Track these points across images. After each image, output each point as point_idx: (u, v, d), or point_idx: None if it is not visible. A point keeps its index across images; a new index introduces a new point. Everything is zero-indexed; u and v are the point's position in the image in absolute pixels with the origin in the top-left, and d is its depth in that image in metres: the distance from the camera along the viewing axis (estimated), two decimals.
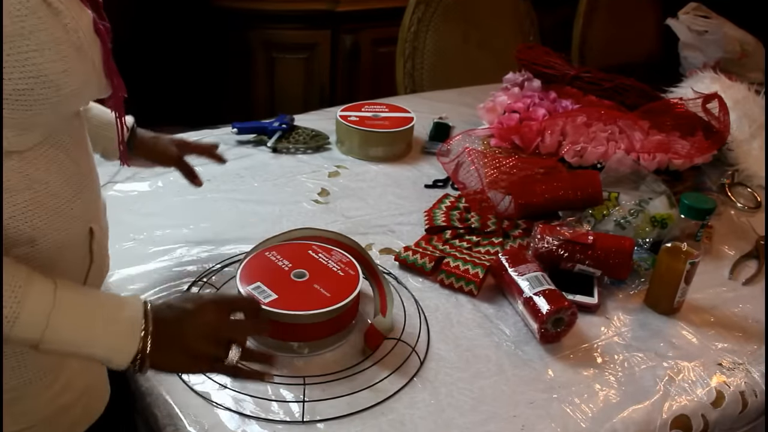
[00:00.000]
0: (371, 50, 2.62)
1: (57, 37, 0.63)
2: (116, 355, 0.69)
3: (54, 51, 0.63)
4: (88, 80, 0.69)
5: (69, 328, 0.67)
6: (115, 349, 0.69)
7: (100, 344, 0.69)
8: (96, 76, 0.70)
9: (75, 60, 0.66)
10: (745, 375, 0.97)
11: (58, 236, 0.72)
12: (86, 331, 0.68)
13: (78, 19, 0.66)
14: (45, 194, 0.70)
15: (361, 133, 1.45)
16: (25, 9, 0.60)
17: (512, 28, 2.23)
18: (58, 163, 0.71)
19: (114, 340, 0.69)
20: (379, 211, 1.28)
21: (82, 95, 0.70)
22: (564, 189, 1.20)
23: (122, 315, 0.70)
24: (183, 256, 1.09)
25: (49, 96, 0.64)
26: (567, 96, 1.51)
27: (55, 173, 0.71)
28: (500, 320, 1.02)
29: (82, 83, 0.68)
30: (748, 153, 1.48)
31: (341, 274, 0.96)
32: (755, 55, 2.12)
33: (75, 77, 0.66)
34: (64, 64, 0.64)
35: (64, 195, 0.72)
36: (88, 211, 0.77)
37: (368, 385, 0.88)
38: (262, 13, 2.47)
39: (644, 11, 2.55)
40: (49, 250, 0.72)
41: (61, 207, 0.72)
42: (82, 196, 0.75)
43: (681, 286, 1.04)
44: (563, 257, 1.08)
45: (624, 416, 0.88)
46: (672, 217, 1.14)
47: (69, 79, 0.65)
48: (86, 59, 0.67)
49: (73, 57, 0.65)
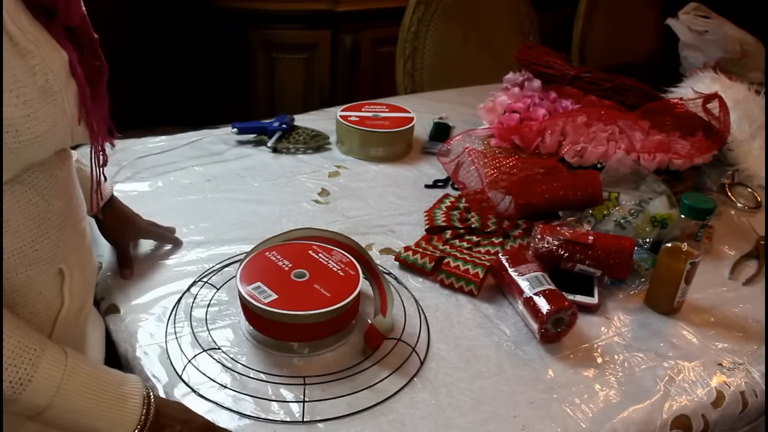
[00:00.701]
0: (371, 50, 2.62)
1: (20, 79, 0.59)
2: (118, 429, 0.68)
3: (15, 94, 0.58)
4: (55, 127, 0.63)
5: (77, 396, 0.66)
6: (119, 423, 0.68)
7: (106, 417, 0.68)
8: (66, 123, 0.64)
9: (39, 104, 0.61)
10: (745, 375, 0.97)
11: (16, 278, 0.68)
12: (94, 401, 0.67)
13: (48, 61, 0.61)
14: (5, 232, 0.65)
15: (361, 133, 1.45)
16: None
17: (512, 28, 2.22)
18: (26, 201, 0.67)
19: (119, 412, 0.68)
20: (379, 211, 1.28)
21: (48, 142, 0.64)
22: (564, 189, 1.20)
23: (126, 390, 0.70)
24: (183, 256, 1.09)
25: (7, 141, 0.60)
26: (567, 96, 1.51)
27: (19, 212, 0.66)
28: (500, 320, 1.02)
29: (47, 130, 0.62)
30: (748, 153, 1.48)
31: (341, 274, 0.95)
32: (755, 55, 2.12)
33: (39, 123, 0.61)
34: (26, 108, 0.60)
35: (27, 235, 0.68)
36: (57, 251, 0.72)
37: (368, 385, 0.88)
38: (262, 13, 2.47)
39: (644, 11, 2.55)
40: (7, 293, 0.68)
41: (22, 247, 0.67)
42: (51, 236, 0.70)
43: (681, 286, 1.04)
44: (563, 257, 1.08)
45: (624, 416, 0.88)
46: (672, 217, 1.14)
47: (31, 124, 0.60)
48: (54, 104, 0.62)
49: (37, 101, 0.60)
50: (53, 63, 0.61)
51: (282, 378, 0.88)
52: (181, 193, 1.26)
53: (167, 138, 1.45)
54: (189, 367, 0.88)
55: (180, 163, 1.37)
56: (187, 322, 0.96)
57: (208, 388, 0.86)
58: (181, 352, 0.90)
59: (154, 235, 1.10)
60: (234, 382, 0.87)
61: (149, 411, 0.71)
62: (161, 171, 1.33)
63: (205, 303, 1.00)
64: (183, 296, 1.01)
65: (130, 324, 0.96)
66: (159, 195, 1.26)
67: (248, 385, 0.86)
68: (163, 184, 1.29)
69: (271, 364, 0.90)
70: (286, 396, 0.85)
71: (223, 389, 0.86)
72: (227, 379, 0.87)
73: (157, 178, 1.31)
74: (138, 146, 1.41)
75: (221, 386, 0.86)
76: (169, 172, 1.33)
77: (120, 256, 1.05)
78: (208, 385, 0.86)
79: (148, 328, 0.95)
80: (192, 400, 0.84)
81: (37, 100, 0.60)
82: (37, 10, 0.61)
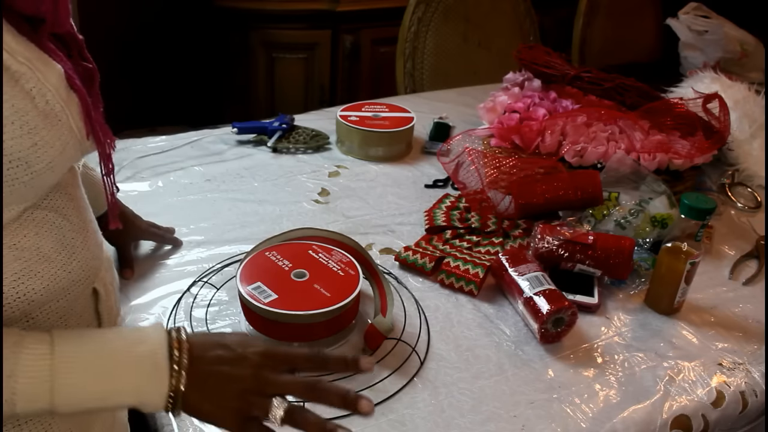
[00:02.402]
0: (371, 50, 2.62)
1: (20, 108, 0.54)
2: (148, 397, 0.60)
3: (17, 125, 0.54)
4: (65, 148, 0.59)
5: (80, 386, 0.58)
6: (144, 391, 0.60)
7: (126, 391, 0.60)
8: (75, 140, 0.60)
9: (45, 130, 0.56)
10: (745, 375, 0.97)
11: (56, 306, 0.64)
12: (103, 383, 0.59)
13: (44, 80, 0.56)
14: (37, 261, 0.61)
15: (361, 133, 1.45)
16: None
17: (512, 28, 2.23)
18: (50, 224, 0.62)
19: (139, 380, 0.60)
20: (379, 211, 1.27)
21: (61, 165, 0.60)
22: (564, 189, 1.20)
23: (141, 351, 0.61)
24: (183, 256, 1.09)
25: (19, 175, 0.55)
26: (567, 96, 1.51)
27: (46, 237, 0.62)
28: (500, 320, 1.02)
29: (58, 154, 0.58)
30: (748, 153, 1.48)
31: (341, 274, 0.95)
32: (755, 55, 2.11)
33: (48, 149, 0.57)
34: (32, 137, 0.55)
35: (58, 259, 0.63)
36: (88, 271, 0.67)
37: (368, 385, 0.88)
38: (262, 13, 2.47)
39: (644, 11, 2.55)
40: (49, 322, 0.63)
41: (57, 273, 0.63)
42: (80, 256, 0.66)
43: (681, 286, 1.04)
44: (563, 257, 1.08)
45: (624, 416, 0.88)
46: (672, 217, 1.14)
47: (40, 153, 0.56)
48: (59, 125, 0.57)
49: (42, 127, 0.56)
50: (49, 81, 0.56)
51: None
52: (181, 193, 1.26)
53: (167, 138, 1.45)
54: None
55: (180, 163, 1.37)
56: (187, 322, 0.96)
57: None
58: None
59: (153, 236, 1.10)
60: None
61: (181, 362, 0.61)
62: (161, 171, 1.33)
63: (205, 303, 1.00)
64: (183, 296, 1.00)
65: (130, 324, 0.96)
66: (159, 195, 1.26)
67: None
68: (163, 184, 1.29)
69: None
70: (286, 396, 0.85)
71: None
72: None
73: (157, 178, 1.31)
74: (138, 146, 1.41)
75: None
76: (169, 172, 1.33)
77: (120, 257, 1.05)
78: None
79: None
80: None
81: (42, 125, 0.56)
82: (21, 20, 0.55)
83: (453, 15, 2.11)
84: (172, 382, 0.60)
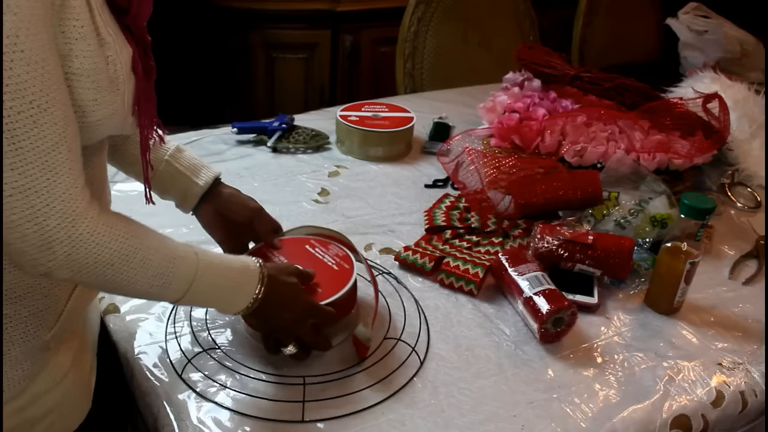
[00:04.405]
0: (371, 50, 2.62)
1: (98, 66, 0.65)
2: (234, 307, 0.81)
3: (91, 79, 0.64)
4: (115, 114, 0.69)
5: (205, 289, 0.77)
6: (235, 303, 0.81)
7: (227, 298, 0.80)
8: (123, 112, 0.70)
9: (106, 91, 0.66)
10: (745, 375, 0.97)
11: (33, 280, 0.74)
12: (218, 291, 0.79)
13: (119, 54, 0.67)
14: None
15: (361, 133, 1.45)
16: (77, 33, 0.62)
17: (512, 28, 2.23)
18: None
19: (236, 296, 0.81)
20: (379, 211, 1.28)
21: (106, 127, 0.69)
22: (564, 189, 1.20)
23: (245, 278, 0.81)
24: None
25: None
26: (567, 96, 1.51)
27: None
28: (500, 320, 1.02)
29: (108, 115, 0.68)
30: (748, 153, 1.48)
31: (336, 268, 0.96)
32: (755, 55, 2.12)
33: (102, 108, 0.67)
34: (96, 93, 0.65)
35: None
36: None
37: (368, 385, 0.88)
38: (263, 13, 2.47)
39: (644, 11, 2.55)
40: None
41: None
42: None
43: (681, 286, 1.04)
44: (563, 257, 1.08)
45: (624, 416, 0.88)
46: (672, 217, 1.14)
47: (96, 108, 0.66)
48: (117, 93, 0.68)
49: (106, 88, 0.66)
50: (123, 56, 0.67)
51: (282, 378, 0.88)
52: None
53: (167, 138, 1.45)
54: (189, 367, 0.88)
55: None
56: (187, 322, 0.96)
57: (208, 388, 0.86)
58: (181, 352, 0.90)
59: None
60: (234, 382, 0.87)
61: (259, 294, 0.81)
62: None
63: None
64: None
65: (130, 324, 0.96)
66: None
67: (248, 385, 0.87)
68: None
69: (271, 364, 0.90)
70: (286, 396, 0.85)
71: (223, 389, 0.86)
72: (227, 379, 0.87)
73: None
74: None
75: (221, 386, 0.86)
76: None
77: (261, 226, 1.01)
78: (208, 385, 0.86)
79: (147, 327, 0.95)
80: (192, 400, 0.84)
81: (106, 87, 0.66)
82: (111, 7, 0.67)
83: (453, 15, 2.10)
84: (257, 293, 0.82)
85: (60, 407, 0.81)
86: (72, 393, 0.83)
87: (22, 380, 0.75)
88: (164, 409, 0.83)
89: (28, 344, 0.74)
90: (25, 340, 0.74)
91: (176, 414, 0.83)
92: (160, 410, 0.84)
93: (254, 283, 0.82)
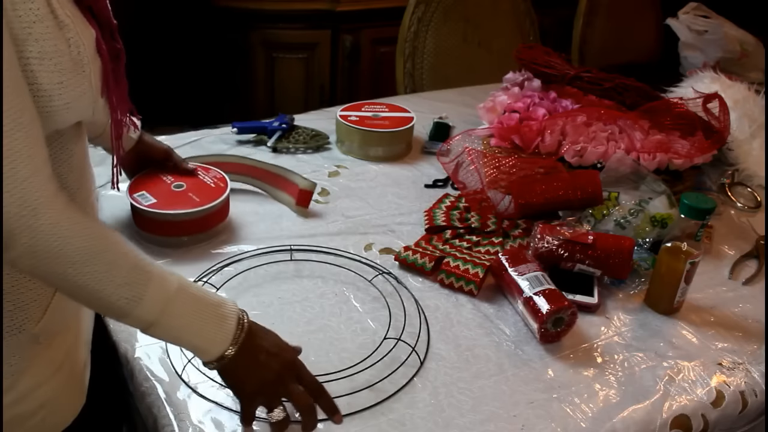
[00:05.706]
0: (371, 50, 2.62)
1: (59, 49, 0.64)
2: (211, 346, 0.74)
3: (54, 62, 0.64)
4: (82, 97, 0.68)
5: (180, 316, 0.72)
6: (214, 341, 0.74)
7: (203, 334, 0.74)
8: (91, 95, 0.70)
9: (71, 74, 0.66)
10: (745, 375, 0.97)
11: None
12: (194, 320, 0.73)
13: (81, 35, 0.66)
14: None
15: (361, 133, 1.45)
16: (33, 16, 0.62)
17: (512, 28, 2.22)
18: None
19: (215, 332, 0.74)
20: (379, 211, 1.28)
21: (75, 110, 0.69)
22: (564, 189, 1.20)
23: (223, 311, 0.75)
24: (182, 256, 1.09)
25: (41, 105, 0.65)
26: (567, 96, 1.51)
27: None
28: (500, 320, 1.02)
29: (76, 98, 0.68)
30: (748, 153, 1.48)
31: (212, 186, 1.15)
32: (755, 55, 2.12)
33: (69, 90, 0.66)
34: (61, 75, 0.65)
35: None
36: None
37: (368, 385, 0.88)
38: (263, 13, 2.47)
39: (644, 11, 2.55)
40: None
41: None
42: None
43: (681, 286, 1.04)
44: (563, 257, 1.08)
45: (624, 416, 0.88)
46: (672, 217, 1.15)
47: (63, 91, 0.66)
48: (83, 75, 0.68)
49: (70, 71, 0.66)
50: (84, 37, 0.67)
51: None
52: None
53: (167, 138, 1.45)
54: (189, 367, 0.88)
55: None
56: None
57: (208, 387, 0.86)
58: (181, 352, 0.90)
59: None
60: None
61: (241, 333, 0.76)
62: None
63: None
64: None
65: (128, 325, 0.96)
66: None
67: None
68: None
69: None
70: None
71: (223, 389, 0.85)
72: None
73: None
74: None
75: (221, 386, 0.86)
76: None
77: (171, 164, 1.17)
78: (208, 385, 0.86)
79: None
80: (192, 400, 0.84)
81: (70, 69, 0.66)
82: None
83: (453, 15, 2.10)
84: (229, 346, 0.75)
85: (52, 403, 0.81)
86: (65, 388, 0.83)
87: (11, 375, 0.75)
88: (164, 409, 0.83)
89: (14, 337, 0.74)
90: (12, 334, 0.74)
91: (176, 414, 0.83)
92: (160, 410, 0.84)
93: (234, 318, 0.76)
